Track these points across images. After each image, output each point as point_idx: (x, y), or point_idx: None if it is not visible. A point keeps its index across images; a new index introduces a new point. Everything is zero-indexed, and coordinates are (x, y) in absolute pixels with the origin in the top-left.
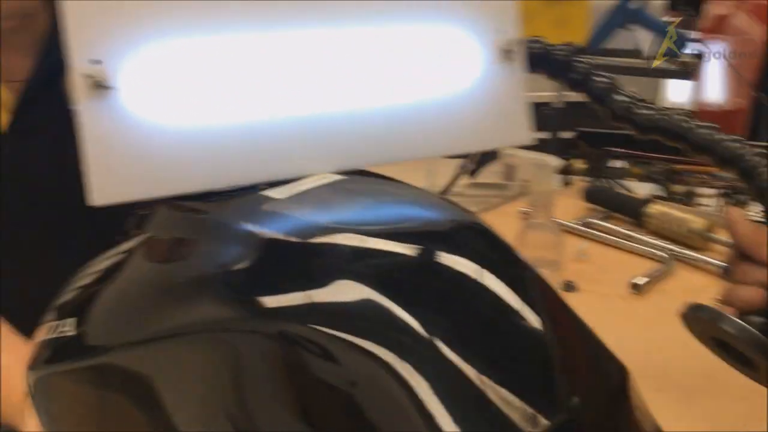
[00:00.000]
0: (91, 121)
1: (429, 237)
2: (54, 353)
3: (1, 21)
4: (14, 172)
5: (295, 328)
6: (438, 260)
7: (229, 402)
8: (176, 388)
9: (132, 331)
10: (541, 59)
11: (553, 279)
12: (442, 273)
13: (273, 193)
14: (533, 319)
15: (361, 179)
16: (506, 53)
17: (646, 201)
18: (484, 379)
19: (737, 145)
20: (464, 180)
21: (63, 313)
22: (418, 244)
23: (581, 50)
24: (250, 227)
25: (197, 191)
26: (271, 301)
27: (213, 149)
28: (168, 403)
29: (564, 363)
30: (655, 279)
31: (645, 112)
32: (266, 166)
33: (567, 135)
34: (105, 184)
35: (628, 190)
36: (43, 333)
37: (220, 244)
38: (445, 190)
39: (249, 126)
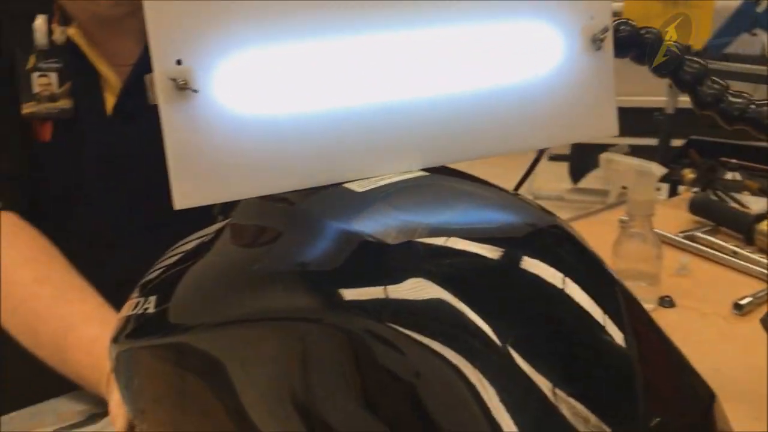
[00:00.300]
0: (173, 124)
1: (510, 240)
2: (135, 329)
3: (114, 8)
4: (116, 155)
5: (367, 324)
6: (517, 265)
7: (296, 388)
8: (247, 371)
9: (211, 313)
10: (630, 42)
11: (651, 293)
12: (521, 278)
13: (354, 185)
14: (615, 333)
15: (440, 177)
16: (595, 41)
17: (758, 217)
18: (558, 391)
19: None
20: (565, 185)
21: (146, 291)
22: (498, 247)
23: (698, 54)
24: (331, 221)
25: (281, 191)
26: (346, 296)
27: (296, 150)
28: (238, 385)
29: (646, 381)
30: (759, 300)
31: (735, 100)
32: (351, 166)
33: (678, 143)
34: (187, 188)
35: (740, 204)
36: (127, 309)
37: (301, 236)
38: (522, 180)
39: (333, 127)
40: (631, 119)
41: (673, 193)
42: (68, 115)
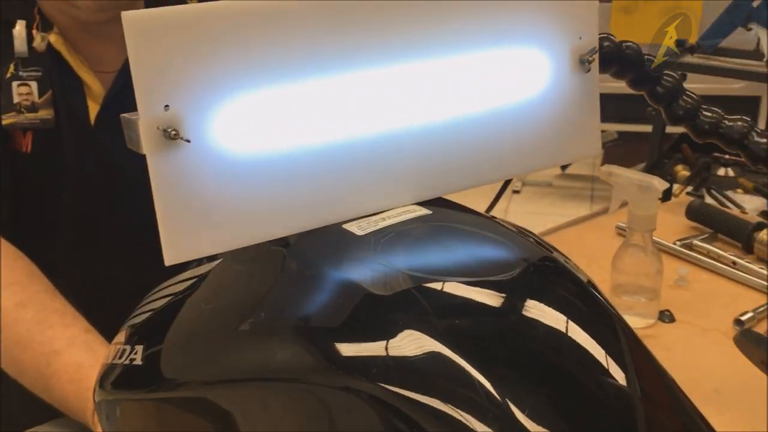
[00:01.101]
0: (163, 176)
1: (507, 284)
2: (121, 379)
3: (97, 13)
4: (99, 165)
5: (362, 385)
6: (514, 311)
7: None
8: (248, 428)
9: (203, 370)
10: (612, 58)
11: (650, 308)
12: (519, 326)
13: (354, 227)
14: (618, 375)
15: (439, 214)
16: (584, 62)
17: (758, 225)
18: None
19: None
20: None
21: (132, 338)
22: (496, 293)
23: (691, 49)
24: (328, 269)
25: (277, 237)
26: (342, 355)
27: (292, 193)
28: None
29: (650, 424)
30: (761, 315)
31: (707, 115)
32: (347, 205)
33: (676, 131)
34: (179, 242)
35: (735, 204)
36: (112, 354)
37: (296, 287)
38: (494, 203)
39: (327, 167)
40: (620, 105)
41: (667, 192)
42: (49, 126)
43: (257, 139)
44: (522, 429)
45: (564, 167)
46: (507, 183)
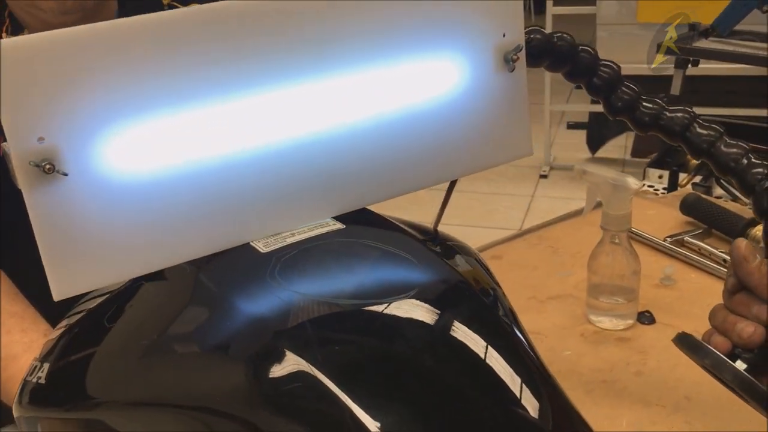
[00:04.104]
0: (41, 211)
1: (394, 308)
2: (30, 396)
3: (61, 15)
4: None
5: (249, 415)
6: (398, 338)
7: None
8: None
9: (108, 391)
10: (543, 51)
11: (628, 309)
12: (400, 353)
13: (260, 244)
14: (528, 404)
15: (350, 231)
16: (508, 61)
17: (751, 221)
18: None
19: (739, 153)
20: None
21: (42, 355)
22: (381, 318)
23: (704, 32)
24: (225, 296)
25: (179, 263)
26: (234, 386)
27: (191, 218)
28: None
29: None
30: None
31: (648, 106)
32: (255, 225)
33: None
34: (67, 277)
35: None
36: (29, 370)
37: (201, 313)
38: (440, 214)
39: (228, 188)
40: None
41: (673, 182)
42: None
43: (147, 166)
44: None
45: (594, 151)
46: (451, 188)
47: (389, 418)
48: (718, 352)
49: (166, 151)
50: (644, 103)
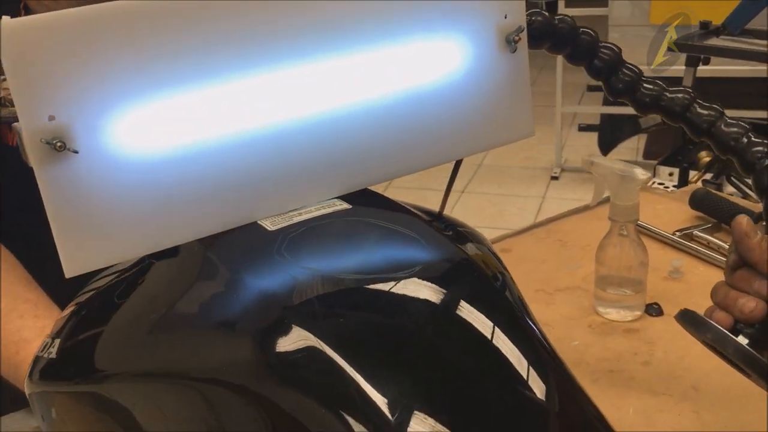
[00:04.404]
0: (53, 189)
1: (401, 284)
2: (42, 372)
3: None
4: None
5: (262, 390)
6: (405, 313)
7: None
8: (154, 424)
9: (116, 364)
10: (545, 33)
11: (636, 300)
12: (407, 328)
13: (268, 222)
14: (535, 386)
15: (357, 211)
16: (510, 42)
17: (760, 216)
18: None
19: (740, 132)
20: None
21: (54, 331)
22: (388, 293)
23: (715, 31)
24: (235, 273)
25: (188, 241)
26: (246, 360)
27: (200, 195)
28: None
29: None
30: None
31: (649, 87)
32: (262, 204)
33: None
34: (79, 255)
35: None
36: (41, 347)
37: (210, 290)
38: (445, 198)
39: (236, 166)
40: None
41: (684, 179)
42: None
43: (157, 143)
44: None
45: (605, 153)
46: (454, 175)
47: (396, 390)
48: (721, 327)
49: (175, 130)
50: (645, 84)
